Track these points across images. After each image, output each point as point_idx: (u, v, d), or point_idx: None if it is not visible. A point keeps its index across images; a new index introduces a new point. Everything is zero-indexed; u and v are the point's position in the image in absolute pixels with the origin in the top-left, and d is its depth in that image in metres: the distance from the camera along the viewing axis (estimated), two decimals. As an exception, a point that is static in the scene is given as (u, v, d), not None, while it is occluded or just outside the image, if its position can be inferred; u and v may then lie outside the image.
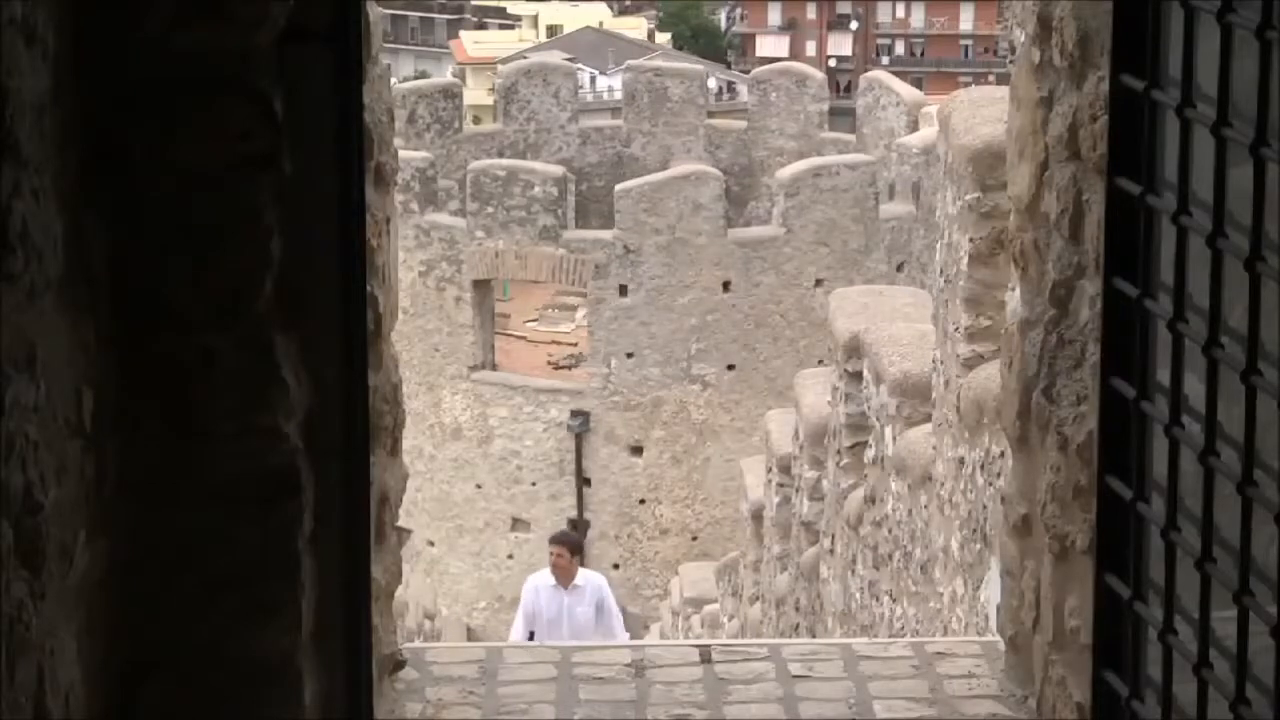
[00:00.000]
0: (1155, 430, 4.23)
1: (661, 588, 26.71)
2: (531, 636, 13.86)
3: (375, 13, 5.05)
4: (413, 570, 26.72)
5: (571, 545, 15.41)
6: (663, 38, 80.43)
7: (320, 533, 4.40)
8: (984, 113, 8.46)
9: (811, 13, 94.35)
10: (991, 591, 7.32)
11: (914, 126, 30.14)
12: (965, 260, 8.43)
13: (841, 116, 36.43)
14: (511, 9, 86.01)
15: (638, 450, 29.30)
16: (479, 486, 30.25)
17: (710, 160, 32.40)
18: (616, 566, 28.61)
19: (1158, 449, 4.24)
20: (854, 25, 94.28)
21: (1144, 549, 4.35)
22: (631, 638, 16.19)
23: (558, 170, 29.90)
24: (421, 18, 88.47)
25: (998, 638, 5.93)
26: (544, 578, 15.03)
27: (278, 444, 4.31)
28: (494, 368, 30.49)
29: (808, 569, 12.50)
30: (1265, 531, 3.68)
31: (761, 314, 28.86)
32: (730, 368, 28.99)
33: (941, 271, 9.09)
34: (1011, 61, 5.90)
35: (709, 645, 6.09)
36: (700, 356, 28.97)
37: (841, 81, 74.20)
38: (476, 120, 38.14)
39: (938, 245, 9.40)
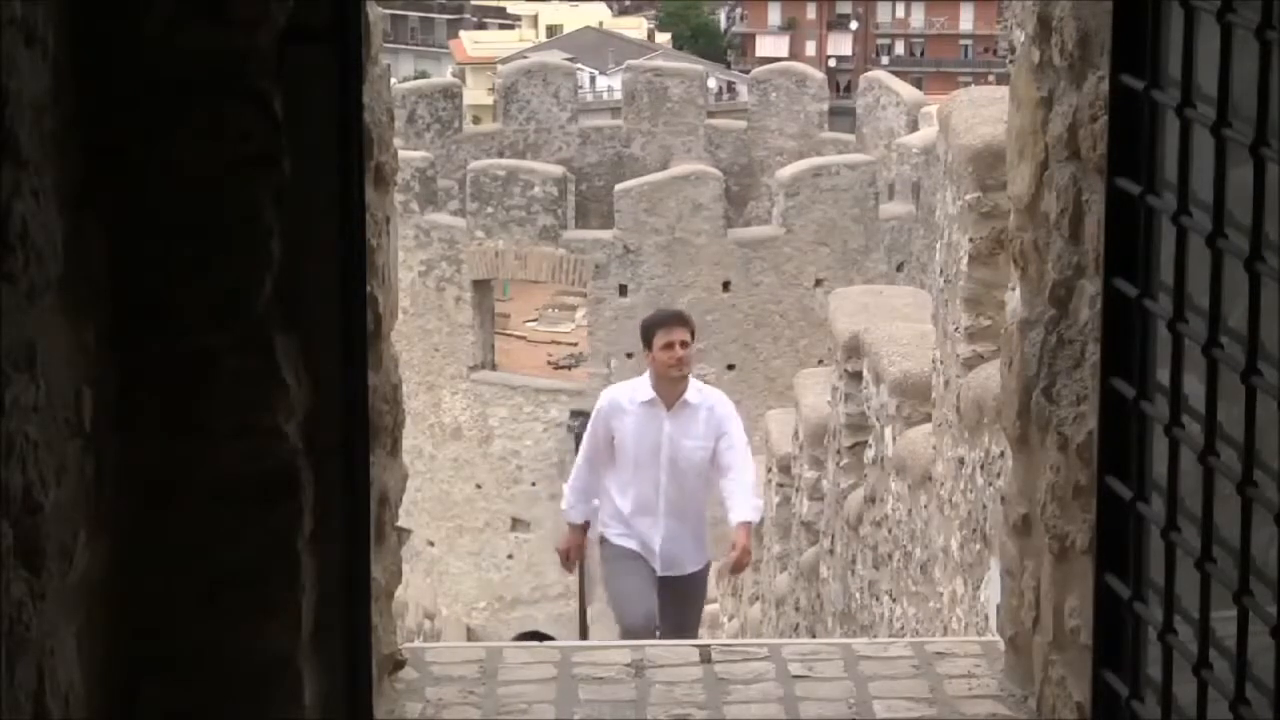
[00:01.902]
0: (1155, 430, 4.23)
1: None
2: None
3: (375, 13, 5.05)
4: (413, 570, 26.72)
5: (692, 329, 10.01)
6: (663, 38, 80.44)
7: (320, 533, 4.40)
8: (984, 113, 8.45)
9: (811, 13, 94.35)
10: (991, 591, 7.31)
11: (914, 126, 30.15)
12: (965, 260, 8.43)
13: (841, 116, 36.43)
14: (511, 9, 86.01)
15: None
16: (479, 486, 30.24)
17: (710, 160, 32.40)
18: (616, 566, 28.58)
19: (1158, 449, 4.24)
20: (854, 25, 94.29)
21: (1144, 549, 4.35)
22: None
23: (558, 170, 29.90)
24: (421, 18, 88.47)
25: (998, 638, 5.93)
26: (630, 390, 9.89)
27: (278, 444, 4.31)
28: (494, 368, 30.48)
29: (808, 569, 12.49)
30: (1265, 531, 3.68)
31: (761, 314, 28.86)
32: (730, 368, 28.98)
33: (941, 271, 9.08)
34: (1011, 61, 5.90)
35: (709, 645, 6.09)
36: (700, 356, 28.96)
37: (841, 81, 74.22)
38: (476, 120, 38.15)
39: (938, 245, 9.40)
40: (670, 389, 9.67)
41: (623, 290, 28.77)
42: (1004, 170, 5.91)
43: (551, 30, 79.47)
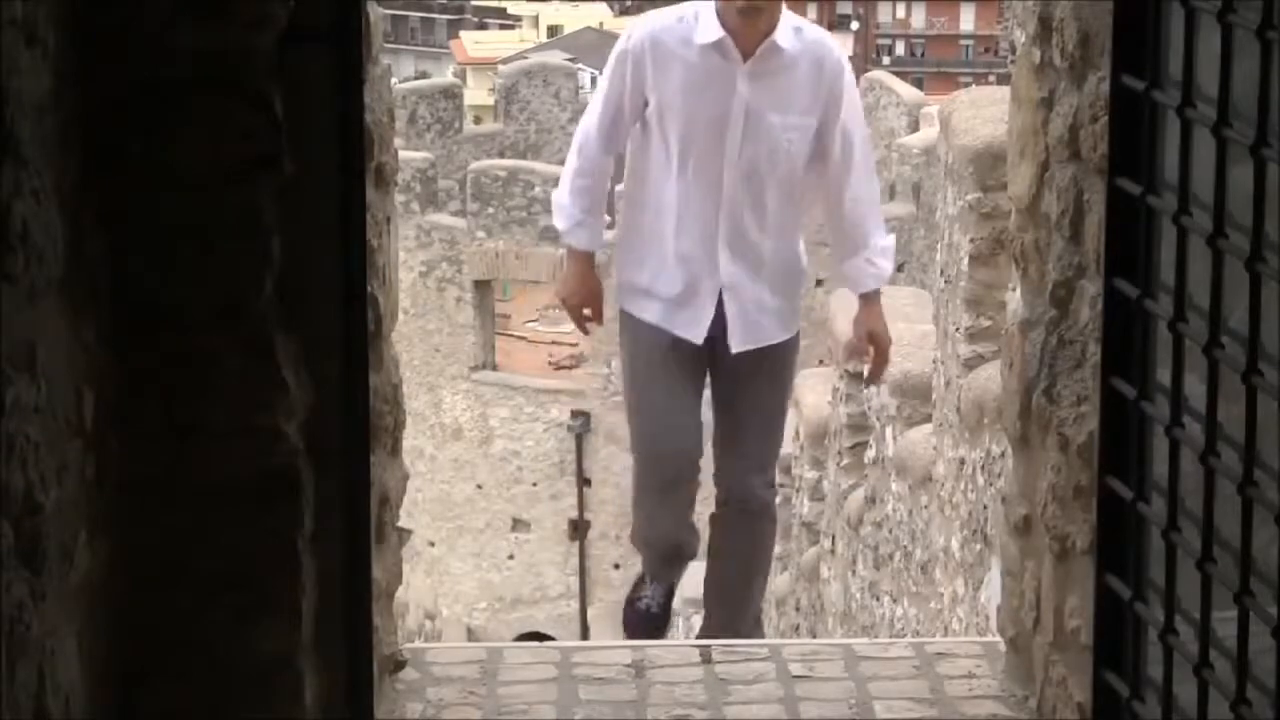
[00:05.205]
0: (1155, 430, 4.23)
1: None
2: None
3: (375, 13, 5.05)
4: (413, 570, 26.72)
5: None
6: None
7: (320, 533, 4.40)
8: (984, 113, 8.46)
9: (812, 13, 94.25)
10: (992, 591, 7.31)
11: (914, 126, 30.15)
12: (965, 260, 8.43)
13: (842, 117, 36.35)
14: (512, 9, 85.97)
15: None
16: (479, 487, 30.25)
17: (711, 160, 32.32)
18: (617, 566, 28.61)
19: (1158, 449, 4.24)
20: (854, 25, 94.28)
21: (1144, 549, 4.35)
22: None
23: (558, 170, 29.87)
24: (421, 18, 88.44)
25: (998, 638, 5.92)
26: (683, 23, 6.34)
27: (278, 444, 4.30)
28: (494, 368, 30.49)
29: (808, 569, 12.50)
30: (1265, 531, 3.68)
31: (762, 314, 28.82)
32: (731, 368, 28.92)
33: (942, 272, 9.09)
34: (1011, 61, 5.89)
35: (709, 645, 6.08)
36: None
37: (842, 82, 74.11)
38: (477, 120, 38.14)
39: (938, 245, 9.40)
40: (749, 26, 6.16)
41: (623, 290, 28.74)
42: (1004, 170, 5.90)
43: (552, 30, 79.40)
